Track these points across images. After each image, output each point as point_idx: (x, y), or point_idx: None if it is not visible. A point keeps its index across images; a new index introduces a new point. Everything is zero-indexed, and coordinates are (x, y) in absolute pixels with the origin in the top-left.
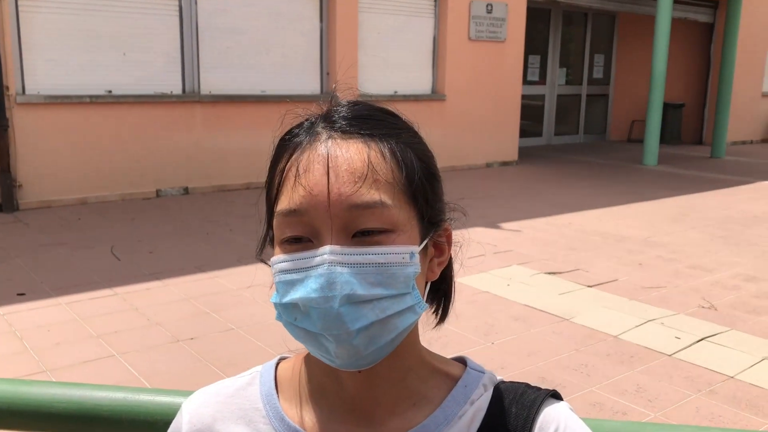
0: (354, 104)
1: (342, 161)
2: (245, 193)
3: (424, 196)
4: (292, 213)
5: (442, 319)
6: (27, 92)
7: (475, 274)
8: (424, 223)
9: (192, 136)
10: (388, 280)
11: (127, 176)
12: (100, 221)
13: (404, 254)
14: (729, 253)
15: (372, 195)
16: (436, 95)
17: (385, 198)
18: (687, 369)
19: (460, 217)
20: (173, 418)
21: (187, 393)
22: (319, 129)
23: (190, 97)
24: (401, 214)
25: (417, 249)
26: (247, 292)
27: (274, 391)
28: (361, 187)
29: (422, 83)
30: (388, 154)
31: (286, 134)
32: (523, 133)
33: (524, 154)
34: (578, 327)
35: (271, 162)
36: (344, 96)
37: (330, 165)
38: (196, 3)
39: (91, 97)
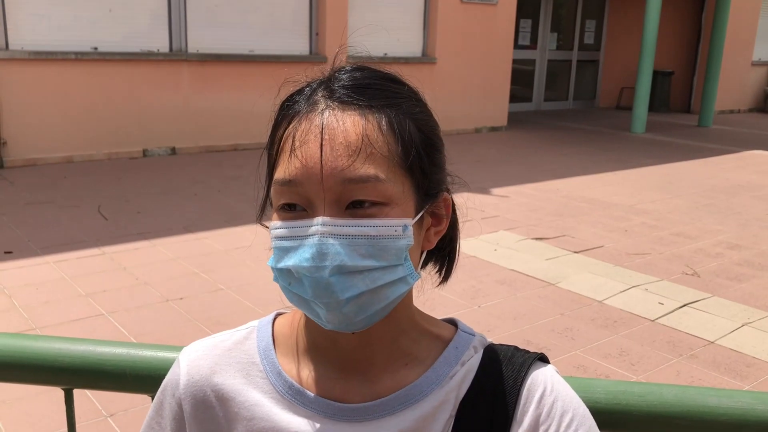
0: (356, 70)
1: (338, 133)
2: (233, 155)
3: (421, 168)
4: (287, 183)
5: (445, 278)
6: (11, 47)
7: (463, 239)
8: (421, 195)
9: (179, 96)
10: (380, 252)
11: (114, 135)
12: (86, 180)
13: (397, 227)
14: (713, 221)
15: (366, 169)
16: (426, 58)
17: (380, 172)
18: (669, 334)
19: (461, 184)
20: None
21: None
22: (318, 98)
23: (177, 55)
24: (395, 187)
25: (411, 222)
26: (236, 252)
27: (272, 346)
28: (355, 161)
29: (413, 46)
30: (385, 126)
31: (286, 100)
32: (513, 98)
33: (513, 119)
34: (564, 292)
35: (272, 127)
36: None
37: (325, 137)
38: None
39: (76, 53)
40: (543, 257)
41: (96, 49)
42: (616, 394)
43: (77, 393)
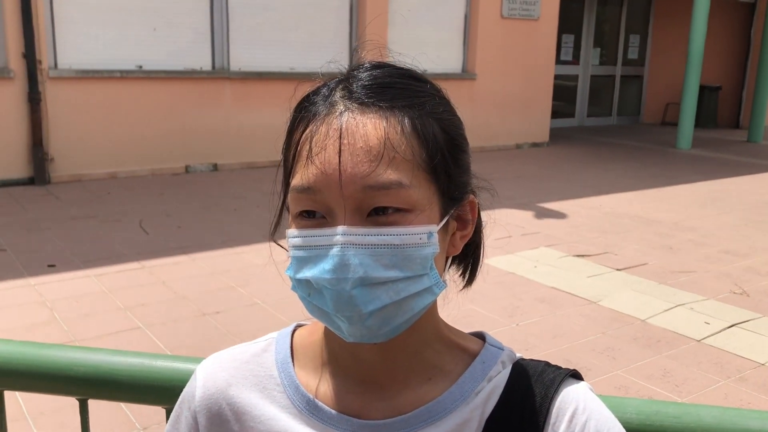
0: (376, 68)
1: (357, 138)
2: (272, 170)
3: (446, 171)
4: (305, 190)
5: (469, 282)
6: (59, 66)
7: (502, 255)
8: (446, 199)
9: (221, 113)
10: (404, 262)
11: (157, 152)
12: (129, 195)
13: (421, 234)
14: (763, 238)
15: (388, 175)
16: (466, 74)
17: (403, 178)
18: (716, 355)
19: (489, 196)
20: None
21: (202, 360)
22: (337, 98)
23: (219, 73)
24: (420, 193)
25: (436, 228)
26: (272, 267)
27: (290, 359)
28: (377, 166)
29: (453, 62)
30: (408, 128)
31: (303, 100)
32: (555, 113)
33: (556, 135)
34: (605, 310)
35: (288, 129)
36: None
37: (344, 142)
38: None
39: (121, 72)
40: (584, 275)
41: (140, 67)
42: (649, 414)
43: (112, 405)
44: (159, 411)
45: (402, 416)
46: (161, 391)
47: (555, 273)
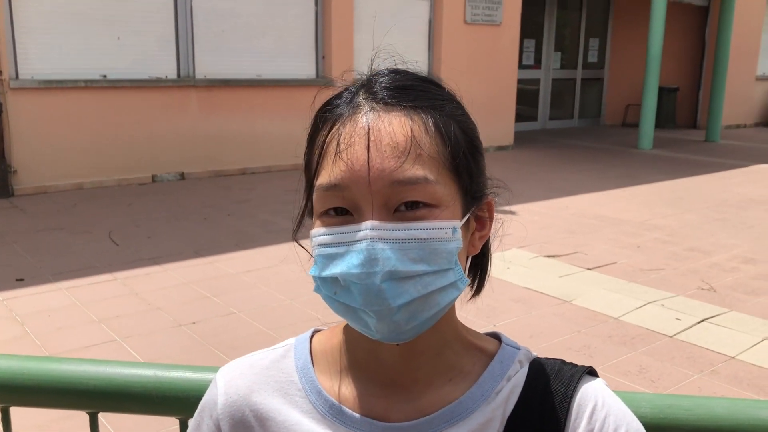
0: (395, 73)
1: (384, 135)
2: (241, 178)
3: (468, 170)
4: (332, 188)
5: (477, 291)
6: (20, 77)
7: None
8: (467, 198)
9: (187, 121)
10: (431, 255)
11: (123, 161)
12: (96, 207)
13: (447, 229)
14: (726, 235)
15: (415, 171)
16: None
17: (429, 173)
18: (688, 350)
19: (504, 188)
20: (203, 395)
21: (215, 369)
22: (360, 100)
23: (185, 81)
24: (444, 189)
25: (459, 224)
26: (247, 276)
27: (310, 364)
28: (404, 162)
29: (418, 66)
30: (432, 126)
31: (325, 104)
32: (519, 117)
33: (520, 138)
34: (579, 309)
35: (310, 134)
36: (385, 64)
37: (371, 139)
38: None
39: (85, 81)
40: (557, 275)
41: (105, 76)
42: (662, 408)
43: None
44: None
45: (425, 417)
46: (175, 401)
47: (528, 273)
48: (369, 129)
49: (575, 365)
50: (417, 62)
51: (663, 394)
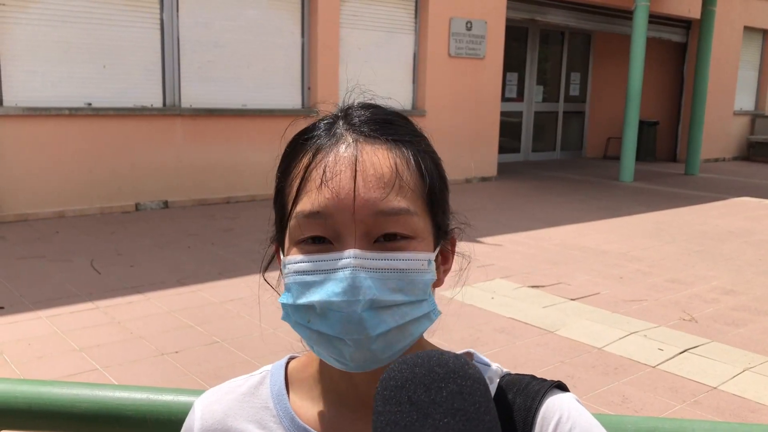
0: (372, 107)
1: (369, 166)
2: (225, 207)
3: (441, 205)
4: (314, 215)
5: None
6: (5, 104)
7: (459, 287)
8: (439, 231)
9: (172, 150)
10: (408, 286)
11: (106, 189)
12: (78, 235)
13: (423, 261)
14: (705, 267)
15: (399, 202)
16: (416, 111)
17: (410, 205)
18: (671, 380)
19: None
20: None
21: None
22: (342, 131)
23: (170, 110)
24: (421, 222)
25: (433, 256)
26: (230, 305)
27: (285, 391)
28: (389, 193)
29: (403, 98)
30: (412, 161)
31: (302, 133)
32: (501, 149)
33: (503, 169)
34: (563, 339)
35: (287, 161)
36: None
37: (357, 169)
38: (177, 16)
39: (70, 109)
40: (540, 305)
41: (90, 104)
42: (647, 430)
43: None
44: None
45: None
46: (168, 424)
47: (512, 304)
48: (356, 159)
49: (544, 380)
50: (388, 99)
51: (647, 417)
